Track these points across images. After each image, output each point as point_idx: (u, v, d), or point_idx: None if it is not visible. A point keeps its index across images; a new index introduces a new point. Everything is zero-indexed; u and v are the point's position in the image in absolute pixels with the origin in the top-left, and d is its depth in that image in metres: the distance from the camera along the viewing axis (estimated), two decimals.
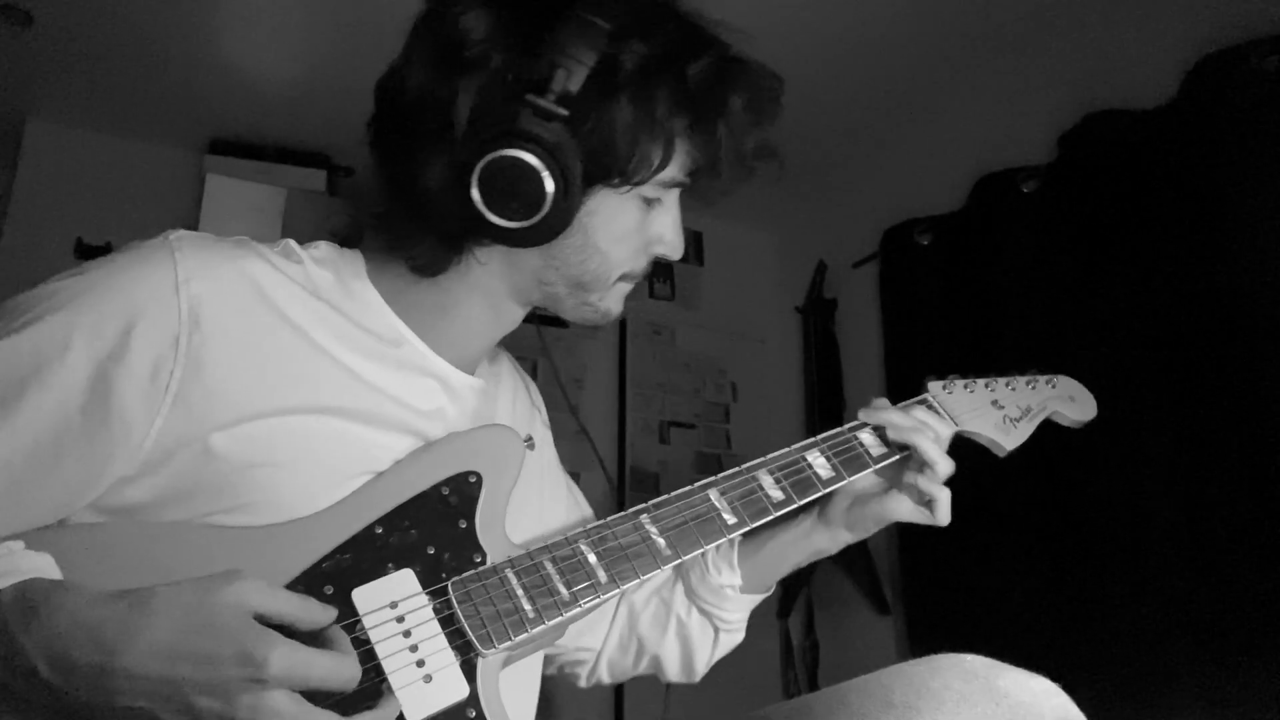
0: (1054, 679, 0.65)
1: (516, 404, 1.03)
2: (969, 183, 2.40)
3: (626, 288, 0.90)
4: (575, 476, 1.16)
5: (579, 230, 0.81)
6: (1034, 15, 2.19)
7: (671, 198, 0.88)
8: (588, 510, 1.11)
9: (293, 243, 0.85)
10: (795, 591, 2.76)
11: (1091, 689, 0.75)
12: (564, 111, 0.75)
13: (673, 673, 1.08)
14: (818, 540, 1.01)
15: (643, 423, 3.03)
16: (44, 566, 0.66)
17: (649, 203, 0.85)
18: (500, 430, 0.87)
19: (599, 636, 1.09)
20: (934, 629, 2.31)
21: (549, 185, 0.75)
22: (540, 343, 1.02)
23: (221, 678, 0.59)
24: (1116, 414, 1.92)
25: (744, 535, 0.98)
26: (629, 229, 0.84)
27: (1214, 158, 1.80)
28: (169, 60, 2.45)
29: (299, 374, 0.77)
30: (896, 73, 2.44)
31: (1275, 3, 1.78)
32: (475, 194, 0.76)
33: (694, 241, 3.29)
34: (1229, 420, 1.72)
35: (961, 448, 1.02)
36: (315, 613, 0.65)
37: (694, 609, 1.05)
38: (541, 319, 0.95)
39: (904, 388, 1.05)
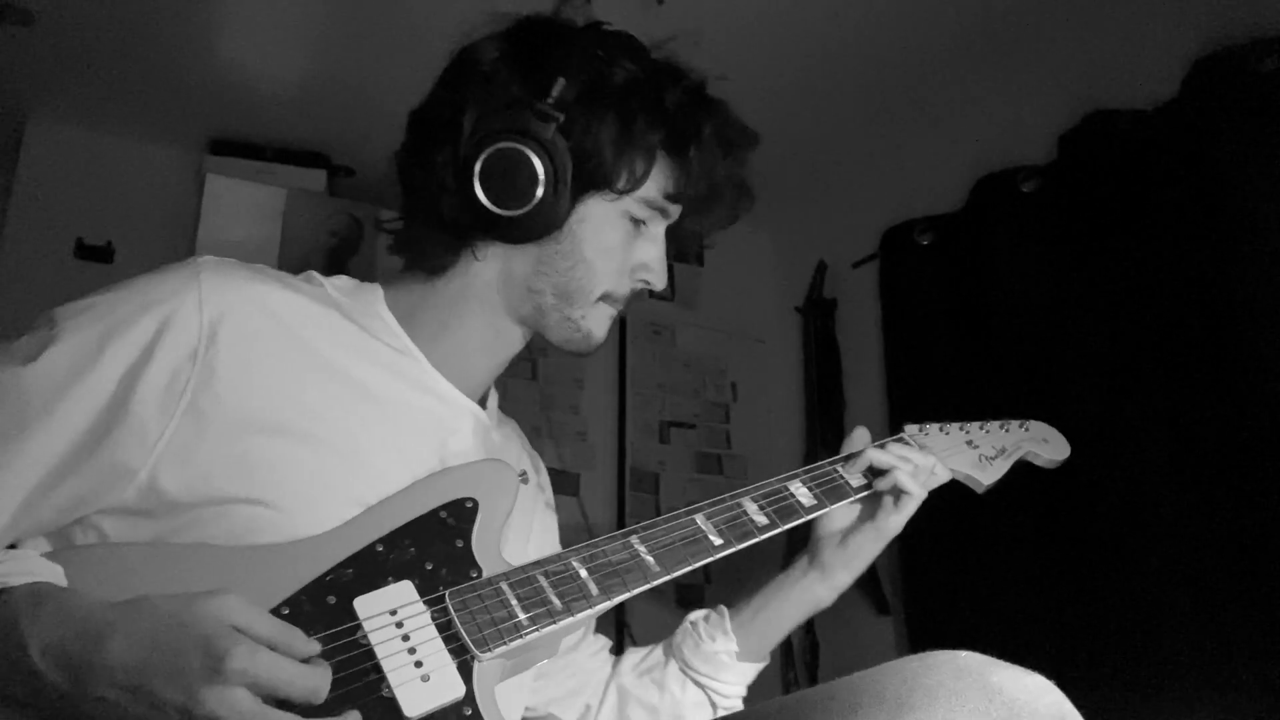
0: (1054, 678, 0.64)
1: (513, 449, 1.06)
2: (969, 183, 2.40)
3: (609, 311, 0.95)
4: (575, 477, 1.17)
5: (569, 236, 0.90)
6: (1034, 15, 2.19)
7: (657, 229, 0.96)
8: None
9: (315, 273, 0.95)
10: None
11: (1091, 688, 0.75)
12: (559, 115, 0.86)
13: None
14: (817, 591, 1.05)
15: (643, 423, 3.02)
16: (57, 574, 0.71)
17: (636, 224, 0.93)
18: (496, 463, 0.91)
19: (573, 710, 1.08)
20: (934, 629, 2.31)
21: (541, 177, 0.86)
22: (541, 342, 1.02)
23: (185, 668, 0.61)
24: (1116, 413, 1.93)
25: (735, 604, 1.06)
26: (614, 245, 0.92)
27: (1214, 158, 1.80)
28: (169, 60, 2.45)
29: (309, 384, 0.84)
30: (896, 73, 2.44)
31: (1275, 3, 1.78)
32: (476, 184, 0.86)
33: (696, 242, 3.29)
34: (1229, 419, 1.72)
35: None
36: (296, 643, 0.67)
37: (689, 684, 1.06)
38: None
39: (904, 387, 1.07)
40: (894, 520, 1.02)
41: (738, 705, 1.06)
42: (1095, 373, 1.97)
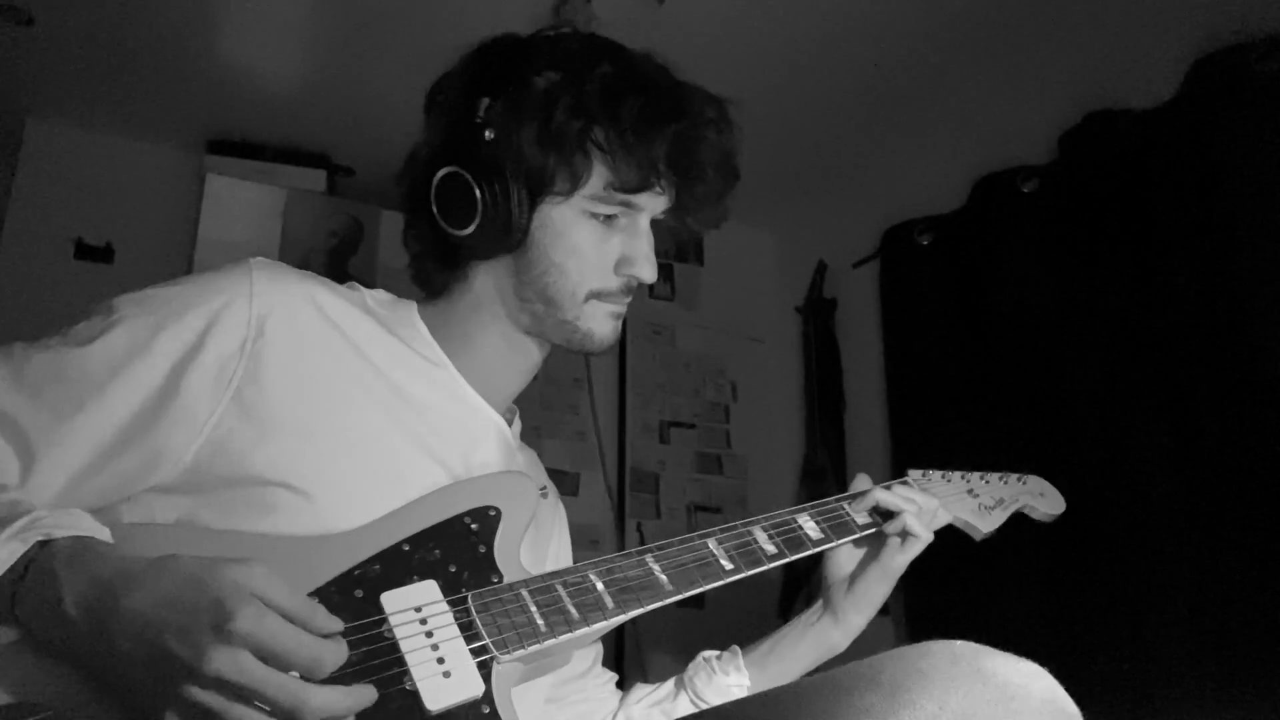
0: (1056, 676, 0.65)
1: (533, 470, 1.09)
2: (969, 183, 2.40)
3: (606, 309, 0.96)
4: (575, 477, 1.18)
5: (534, 245, 0.92)
6: (1034, 15, 2.19)
7: (636, 223, 0.95)
8: None
9: (357, 283, 0.99)
10: (795, 591, 2.76)
11: (1092, 687, 0.75)
12: (487, 132, 0.90)
13: None
14: (831, 635, 1.07)
15: (643, 423, 3.03)
16: (104, 533, 0.74)
17: (607, 221, 0.93)
18: (519, 476, 0.94)
19: None
20: (934, 629, 2.30)
21: (478, 195, 0.89)
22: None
23: (195, 624, 0.62)
24: (1116, 413, 1.93)
25: (750, 645, 1.09)
26: (582, 244, 0.93)
27: (1214, 158, 1.80)
28: (168, 60, 2.45)
29: (349, 381, 0.88)
30: (897, 73, 2.44)
31: (1275, 3, 1.78)
32: (435, 211, 0.92)
33: (694, 241, 3.29)
34: (1229, 419, 1.72)
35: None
36: (317, 618, 0.67)
37: None
38: None
39: (904, 387, 1.08)
40: (899, 560, 1.04)
41: None
42: (1095, 372, 1.97)
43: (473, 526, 0.87)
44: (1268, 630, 1.60)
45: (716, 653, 1.11)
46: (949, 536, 1.13)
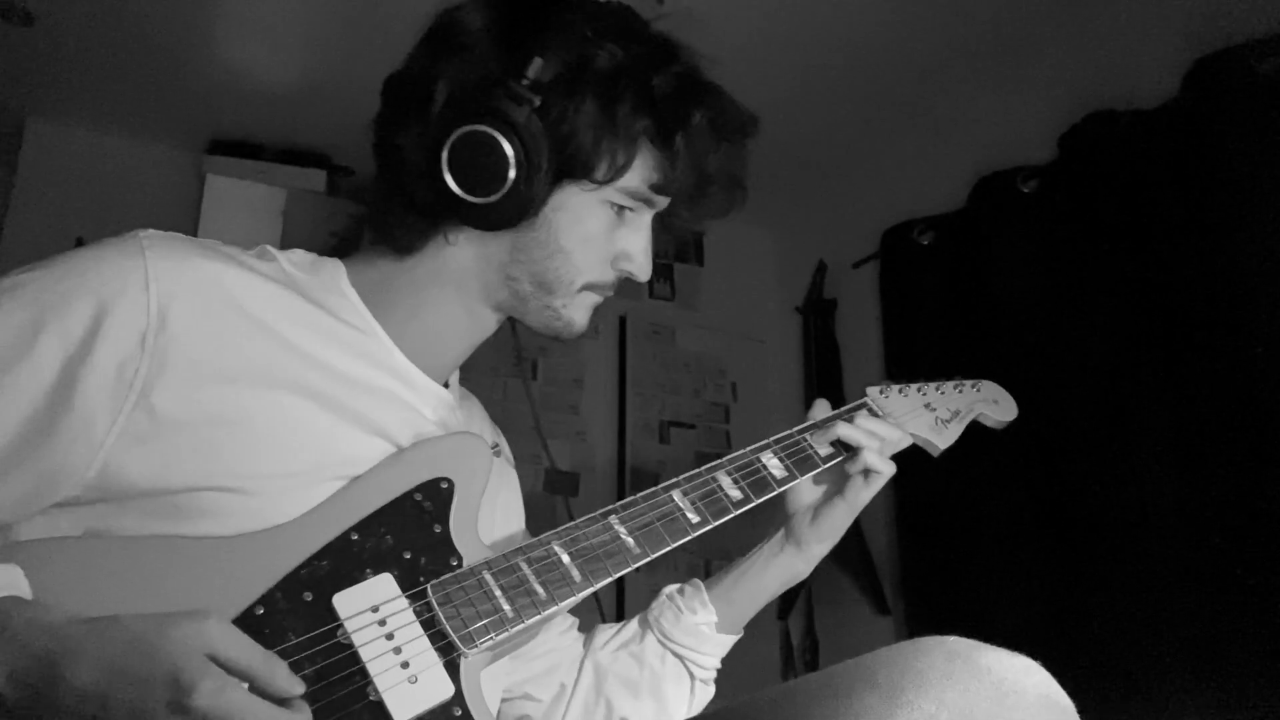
0: (1054, 675, 0.65)
1: (477, 424, 1.04)
2: (969, 183, 2.40)
3: (593, 299, 0.92)
4: (575, 477, 1.16)
5: (545, 225, 0.85)
6: (1034, 15, 2.19)
7: (642, 218, 0.90)
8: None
9: (269, 247, 0.88)
10: (795, 592, 2.76)
11: (1092, 687, 0.75)
12: (535, 98, 0.80)
13: None
14: (794, 564, 1.04)
15: (643, 423, 3.03)
16: (15, 581, 0.65)
17: (619, 213, 0.88)
18: (468, 437, 0.88)
19: (548, 690, 1.06)
20: (934, 629, 2.29)
21: (512, 163, 0.80)
22: (542, 341, 1.02)
23: (149, 701, 0.57)
24: (1116, 412, 1.93)
25: (712, 577, 1.06)
26: (594, 234, 0.87)
27: (1214, 158, 1.80)
28: (169, 60, 2.45)
29: (267, 366, 0.78)
30: (896, 73, 2.44)
31: (1275, 3, 1.78)
32: (444, 167, 0.81)
33: (694, 241, 3.29)
34: (1227, 418, 1.72)
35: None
36: (278, 678, 0.62)
37: (668, 656, 1.04)
38: None
39: None
40: (864, 495, 1.01)
41: (712, 676, 1.06)
42: (1095, 372, 1.97)
43: (425, 504, 0.80)
44: (1265, 627, 1.60)
45: (679, 586, 1.08)
46: (949, 536, 1.12)
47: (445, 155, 0.81)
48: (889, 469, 1.00)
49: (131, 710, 0.57)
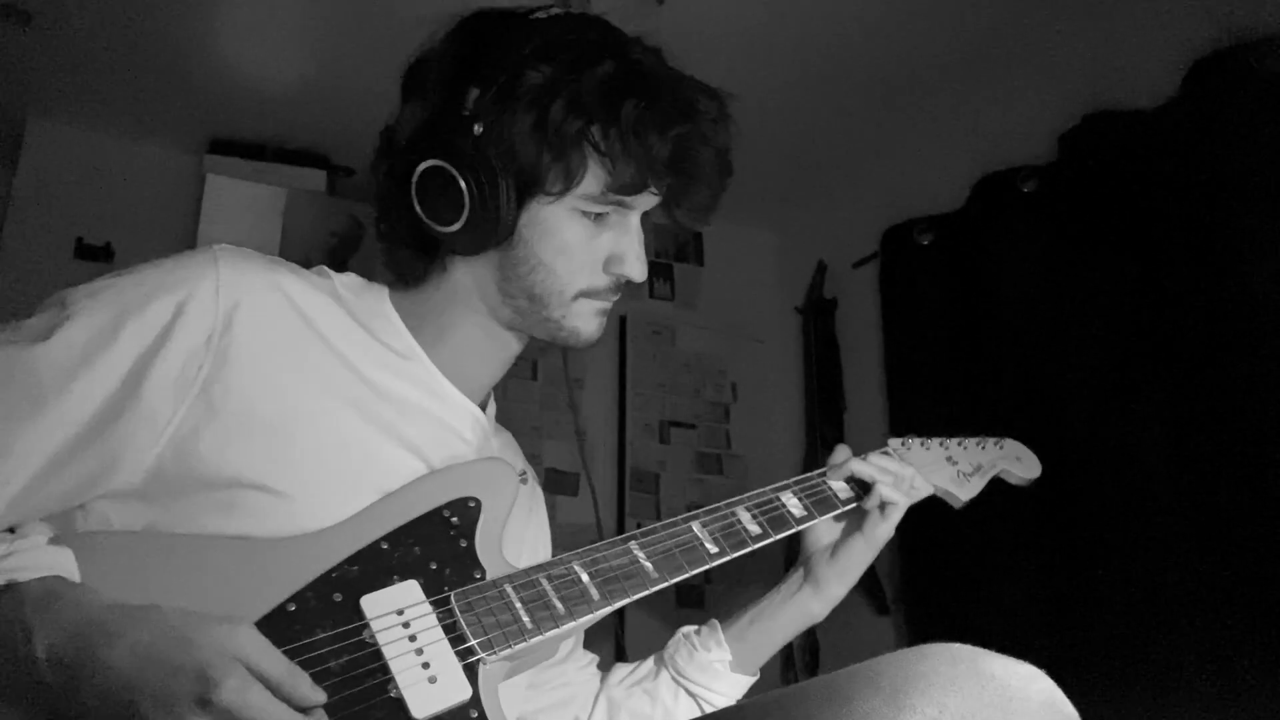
0: (1054, 678, 0.65)
1: (510, 454, 1.06)
2: (969, 183, 2.40)
3: (594, 306, 0.92)
4: (575, 477, 1.17)
5: (521, 242, 0.88)
6: (1034, 15, 2.20)
7: (626, 220, 0.91)
8: None
9: (325, 268, 0.94)
10: None
11: (1093, 687, 0.75)
12: (476, 125, 0.84)
13: None
14: (810, 605, 1.06)
15: (643, 423, 3.03)
16: (65, 563, 0.69)
17: (597, 220, 0.89)
18: (497, 463, 0.92)
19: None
20: (934, 629, 2.31)
21: (465, 192, 0.84)
22: (540, 342, 1.02)
23: (176, 691, 0.60)
24: (1115, 413, 1.93)
25: (728, 618, 1.08)
26: (571, 243, 0.88)
27: (1214, 158, 1.80)
28: (168, 60, 2.45)
29: (320, 376, 0.84)
30: (897, 73, 2.45)
31: (1275, 3, 1.78)
32: (415, 201, 0.87)
33: (694, 241, 3.30)
34: (1227, 418, 1.72)
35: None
36: (301, 688, 0.65)
37: (681, 693, 1.06)
38: None
39: (904, 387, 1.08)
40: (882, 530, 1.03)
41: None
42: (1094, 371, 1.98)
43: (452, 520, 0.84)
44: (1268, 628, 1.60)
45: (695, 627, 1.09)
46: (949, 537, 1.12)
47: (414, 191, 0.87)
48: (904, 500, 1.03)
49: (157, 697, 0.60)
